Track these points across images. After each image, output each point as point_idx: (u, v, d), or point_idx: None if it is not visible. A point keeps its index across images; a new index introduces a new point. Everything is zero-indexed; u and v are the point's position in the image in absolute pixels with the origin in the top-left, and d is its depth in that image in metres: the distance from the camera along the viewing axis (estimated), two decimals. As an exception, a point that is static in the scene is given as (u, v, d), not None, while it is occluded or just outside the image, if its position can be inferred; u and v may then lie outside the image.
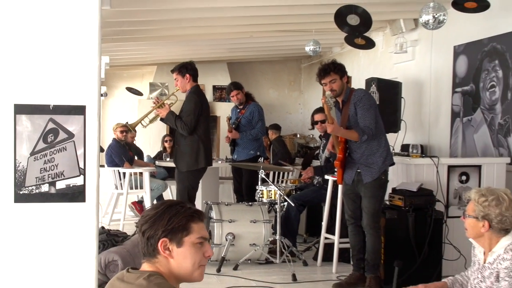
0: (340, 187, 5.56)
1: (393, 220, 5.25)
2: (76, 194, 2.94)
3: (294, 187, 7.01)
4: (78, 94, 2.92)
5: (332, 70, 5.06)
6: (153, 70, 12.21)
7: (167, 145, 9.98)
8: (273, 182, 6.87)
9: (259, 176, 6.42)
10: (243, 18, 7.80)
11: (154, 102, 6.42)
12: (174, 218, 1.91)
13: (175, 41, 9.37)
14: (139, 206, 9.05)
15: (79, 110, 2.92)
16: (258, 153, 7.53)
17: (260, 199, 6.44)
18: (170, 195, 9.26)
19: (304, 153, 10.21)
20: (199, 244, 1.94)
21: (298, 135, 11.55)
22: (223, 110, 11.18)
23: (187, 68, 6.21)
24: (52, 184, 2.92)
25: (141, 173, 8.18)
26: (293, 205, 6.33)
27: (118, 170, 8.19)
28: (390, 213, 5.26)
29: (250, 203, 6.45)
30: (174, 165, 6.44)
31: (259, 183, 6.48)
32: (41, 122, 2.89)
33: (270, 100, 12.69)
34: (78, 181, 2.95)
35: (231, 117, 7.75)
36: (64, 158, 2.92)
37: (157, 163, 9.43)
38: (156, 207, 1.98)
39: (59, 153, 2.92)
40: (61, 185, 2.93)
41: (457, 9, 6.29)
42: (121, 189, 8.16)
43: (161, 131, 10.64)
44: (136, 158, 9.26)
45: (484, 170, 5.74)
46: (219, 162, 8.50)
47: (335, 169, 5.40)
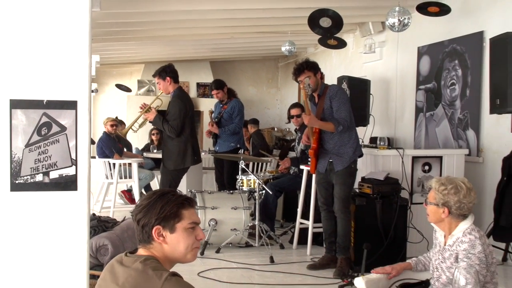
0: (314, 176, 5.58)
1: (362, 206, 5.29)
2: (68, 183, 2.91)
3: (271, 176, 7.03)
4: (70, 90, 2.89)
5: (306, 68, 5.09)
6: (141, 68, 12.13)
7: (154, 137, 9.95)
8: (252, 172, 6.87)
9: (240, 166, 6.42)
10: (224, 20, 7.78)
11: (141, 107, 6.30)
12: (166, 206, 1.91)
13: (161, 41, 9.32)
14: (128, 194, 9.05)
15: (71, 105, 2.89)
16: (238, 145, 7.53)
17: (240, 187, 6.45)
18: (157, 184, 9.24)
19: (281, 145, 10.25)
20: (190, 229, 1.93)
21: (276, 129, 11.57)
22: (206, 106, 11.17)
23: (166, 71, 6.09)
24: (46, 174, 2.89)
25: (130, 164, 8.17)
26: (270, 192, 6.35)
27: (109, 161, 8.18)
28: (360, 200, 5.30)
29: (231, 191, 6.45)
30: (162, 162, 6.37)
31: (239, 172, 6.49)
32: (35, 116, 2.86)
33: (249, 96, 12.68)
34: (70, 171, 2.92)
35: (213, 111, 7.74)
36: (57, 149, 2.89)
37: (144, 154, 9.41)
38: (149, 197, 1.97)
39: (52, 145, 2.89)
40: (54, 175, 2.90)
41: (421, 13, 6.35)
42: (111, 179, 8.14)
43: (148, 124, 10.52)
44: (125, 150, 9.22)
45: (445, 160, 5.80)
46: (203, 153, 8.47)
47: (309, 159, 5.43)
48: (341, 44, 7.80)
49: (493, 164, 5.88)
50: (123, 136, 7.16)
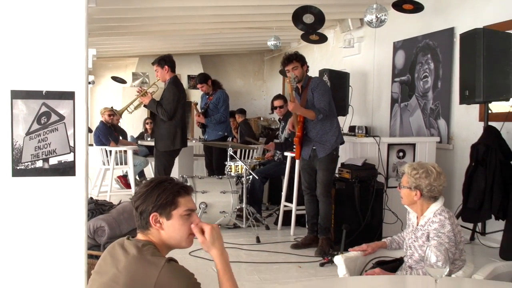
0: (297, 162, 5.58)
1: (342, 190, 5.30)
2: (67, 169, 2.89)
3: (258, 162, 7.03)
4: (68, 81, 2.87)
5: (295, 58, 5.15)
6: (135, 61, 12.04)
7: (148, 126, 9.94)
8: (240, 158, 6.87)
9: (228, 153, 6.41)
10: (213, 16, 7.73)
11: (138, 91, 6.31)
12: (162, 194, 1.88)
13: (154, 36, 9.26)
14: (124, 179, 9.04)
15: (69, 96, 2.87)
16: (226, 133, 7.53)
17: (228, 173, 6.45)
18: (150, 170, 9.23)
19: (267, 133, 10.25)
20: (186, 215, 1.91)
21: (262, 118, 11.57)
22: (196, 97, 11.10)
23: (165, 60, 6.14)
24: (46, 160, 2.86)
25: (125, 151, 8.14)
26: (257, 178, 6.35)
27: (105, 149, 8.14)
28: (340, 184, 5.31)
29: (220, 177, 6.44)
30: (155, 145, 6.38)
31: (228, 159, 6.48)
32: (35, 106, 2.83)
33: (237, 88, 12.64)
34: (69, 157, 2.89)
35: (197, 103, 7.78)
36: (56, 137, 2.87)
37: (139, 142, 9.37)
38: (147, 185, 1.94)
39: (51, 133, 2.86)
40: (53, 161, 2.87)
41: (396, 10, 6.34)
42: (108, 165, 8.10)
43: (142, 114, 10.53)
44: (120, 138, 9.19)
45: (417, 147, 5.83)
46: (193, 141, 8.48)
47: (294, 147, 5.44)
48: (323, 39, 7.79)
49: (462, 151, 5.92)
50: (119, 116, 7.08)
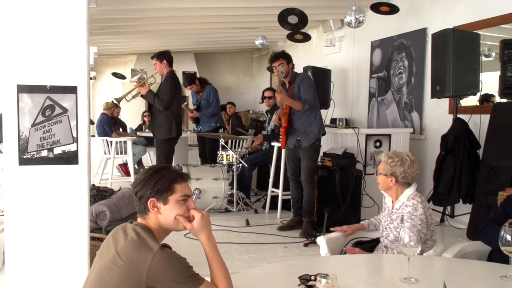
0: (284, 151, 5.59)
1: (324, 177, 5.33)
2: (70, 158, 2.87)
3: (247, 152, 7.03)
4: (71, 76, 2.85)
5: (281, 56, 5.16)
6: (134, 59, 11.94)
7: (146, 119, 9.89)
8: (231, 148, 6.86)
9: (220, 143, 6.39)
10: (206, 17, 7.69)
11: (137, 82, 6.27)
12: (159, 181, 1.87)
13: (151, 35, 9.18)
14: (124, 167, 9.01)
15: (71, 90, 2.84)
16: (218, 125, 7.50)
17: (220, 161, 6.43)
18: (148, 158, 9.22)
19: (256, 125, 10.21)
20: (182, 200, 1.90)
21: (251, 111, 11.52)
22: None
23: (164, 55, 6.10)
24: (50, 150, 2.84)
25: (125, 142, 8.12)
26: (246, 166, 6.35)
27: (106, 139, 8.14)
28: (322, 171, 5.34)
29: (212, 165, 6.43)
30: (152, 134, 6.36)
31: (219, 149, 6.46)
32: (40, 99, 2.80)
33: (228, 83, 12.60)
34: (72, 147, 2.87)
35: (187, 104, 7.77)
36: (60, 129, 2.85)
37: (138, 133, 9.34)
38: (146, 172, 1.93)
39: (55, 125, 2.83)
40: (58, 151, 2.85)
41: (374, 12, 6.34)
42: (109, 154, 8.09)
43: (141, 107, 10.49)
44: (120, 129, 9.16)
45: (393, 138, 5.86)
46: (188, 133, 8.45)
47: (280, 137, 5.43)
48: (306, 38, 7.78)
49: (433, 141, 5.96)
50: (118, 103, 7.01)
